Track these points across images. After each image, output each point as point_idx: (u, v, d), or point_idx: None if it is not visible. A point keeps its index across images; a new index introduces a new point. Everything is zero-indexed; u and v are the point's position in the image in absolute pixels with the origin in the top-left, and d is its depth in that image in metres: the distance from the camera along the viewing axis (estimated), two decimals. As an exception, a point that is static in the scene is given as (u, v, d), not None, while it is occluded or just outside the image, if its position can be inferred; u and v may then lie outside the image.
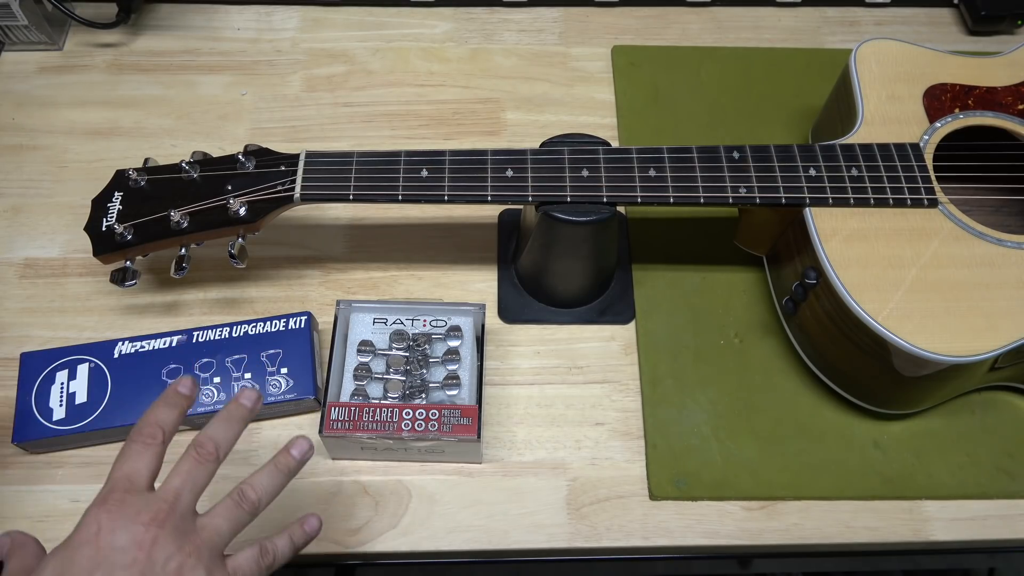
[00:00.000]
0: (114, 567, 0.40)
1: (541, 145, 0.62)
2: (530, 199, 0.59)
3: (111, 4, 0.81)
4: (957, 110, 0.65)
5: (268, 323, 0.63)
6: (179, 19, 0.85)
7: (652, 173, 0.60)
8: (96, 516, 0.42)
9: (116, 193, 0.60)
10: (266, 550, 0.46)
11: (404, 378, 0.61)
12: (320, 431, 0.57)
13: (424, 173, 0.60)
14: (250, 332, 0.62)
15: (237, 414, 0.48)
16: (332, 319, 0.62)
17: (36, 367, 0.60)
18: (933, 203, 0.60)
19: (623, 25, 0.86)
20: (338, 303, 0.62)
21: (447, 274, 0.70)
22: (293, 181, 0.59)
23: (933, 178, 0.60)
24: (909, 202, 0.59)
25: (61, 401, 0.59)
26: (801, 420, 0.63)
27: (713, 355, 0.66)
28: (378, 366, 0.62)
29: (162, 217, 0.59)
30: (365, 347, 0.62)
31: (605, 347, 0.67)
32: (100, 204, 0.60)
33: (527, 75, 0.82)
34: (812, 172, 0.60)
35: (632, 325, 0.67)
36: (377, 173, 0.60)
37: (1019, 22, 0.85)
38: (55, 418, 0.59)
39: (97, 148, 0.76)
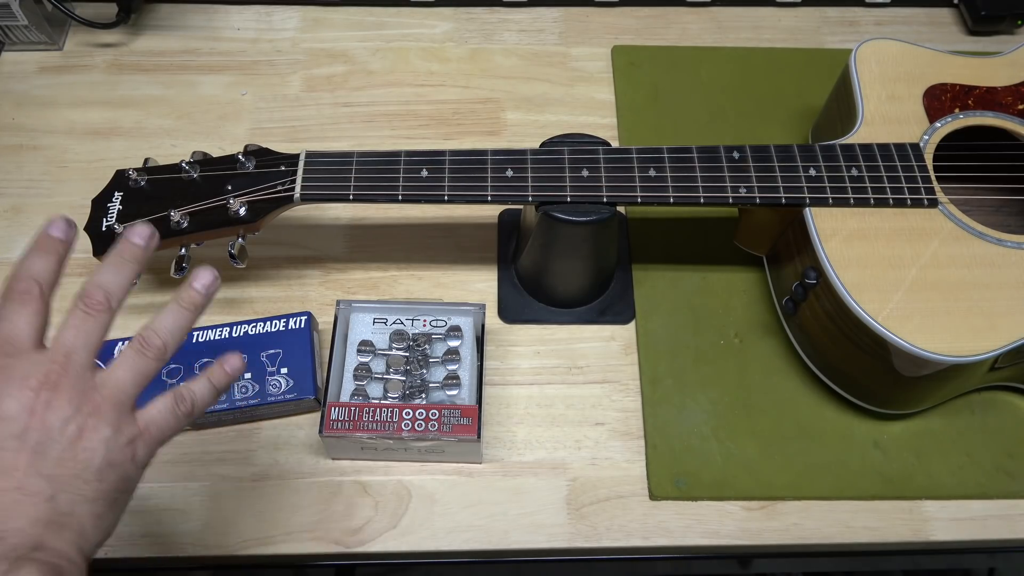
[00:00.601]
0: (4, 437, 0.37)
1: (541, 145, 0.62)
2: (530, 199, 0.59)
3: (111, 4, 0.81)
4: (957, 110, 0.65)
5: (268, 323, 0.63)
6: (179, 19, 0.85)
7: (652, 173, 0.60)
8: None
9: (116, 193, 0.61)
10: (182, 397, 0.42)
11: (404, 378, 0.61)
12: (320, 431, 0.57)
13: (424, 173, 0.60)
14: (250, 332, 0.62)
15: (128, 254, 0.43)
16: (332, 319, 0.62)
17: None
18: (933, 203, 0.60)
19: (623, 25, 0.86)
20: (338, 303, 0.62)
21: (447, 274, 0.70)
22: (293, 181, 0.59)
23: (933, 178, 0.60)
24: (909, 202, 0.59)
25: (61, 401, 0.59)
26: (801, 420, 0.63)
27: (713, 355, 0.66)
28: (378, 366, 0.62)
29: (162, 217, 0.59)
30: (365, 347, 0.62)
31: (605, 347, 0.67)
32: (100, 204, 0.60)
33: (527, 75, 0.82)
34: (812, 172, 0.60)
35: (632, 325, 0.67)
36: (377, 173, 0.60)
37: (1019, 22, 0.85)
38: (55, 418, 0.59)
39: (97, 148, 0.76)
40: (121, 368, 0.41)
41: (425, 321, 0.63)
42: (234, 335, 0.62)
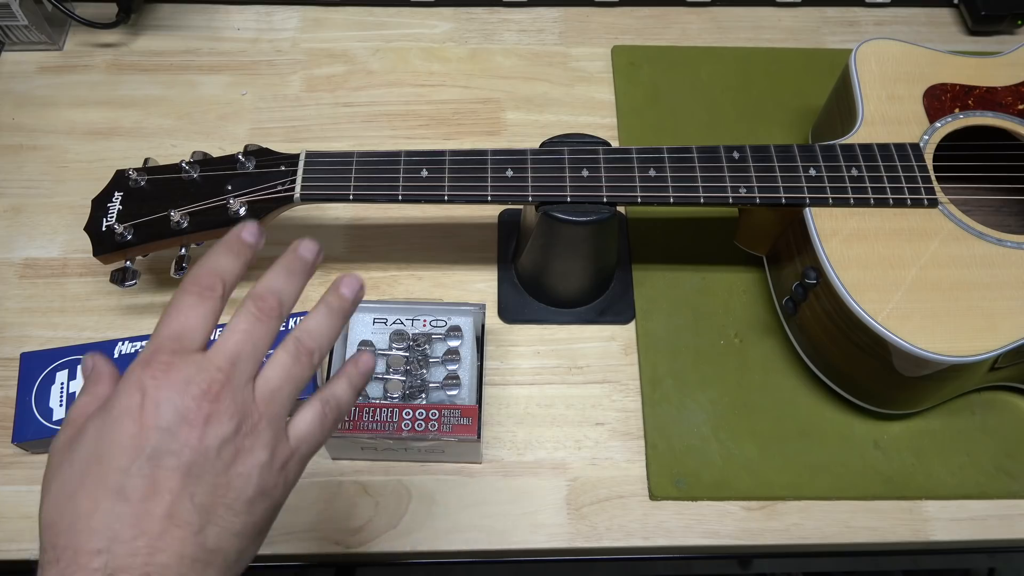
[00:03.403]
0: (158, 452, 0.33)
1: (541, 145, 0.62)
2: (530, 199, 0.59)
3: (111, 4, 0.81)
4: (957, 110, 0.65)
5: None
6: (179, 19, 0.85)
7: (652, 173, 0.60)
8: (139, 380, 0.34)
9: (116, 193, 0.60)
10: (327, 403, 0.38)
11: (404, 378, 0.61)
12: (320, 431, 0.57)
13: (424, 173, 0.60)
14: (250, 332, 0.62)
15: (298, 266, 0.39)
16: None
17: (36, 367, 0.60)
18: (933, 203, 0.60)
19: (623, 25, 0.86)
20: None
21: (447, 274, 0.70)
22: (293, 181, 0.59)
23: (933, 178, 0.60)
24: (909, 202, 0.59)
25: (61, 401, 0.59)
26: (801, 420, 0.63)
27: (713, 355, 0.66)
28: (378, 366, 0.61)
29: (162, 217, 0.59)
30: (365, 347, 0.62)
31: (605, 347, 0.67)
32: (100, 204, 0.60)
33: (527, 75, 0.82)
34: (812, 172, 0.60)
35: (632, 325, 0.67)
36: (377, 173, 0.60)
37: (1019, 22, 0.85)
38: (55, 418, 0.59)
39: (97, 148, 0.76)
40: (277, 379, 0.36)
41: (425, 321, 0.63)
42: (234, 335, 0.62)
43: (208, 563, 0.33)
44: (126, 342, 0.62)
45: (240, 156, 0.61)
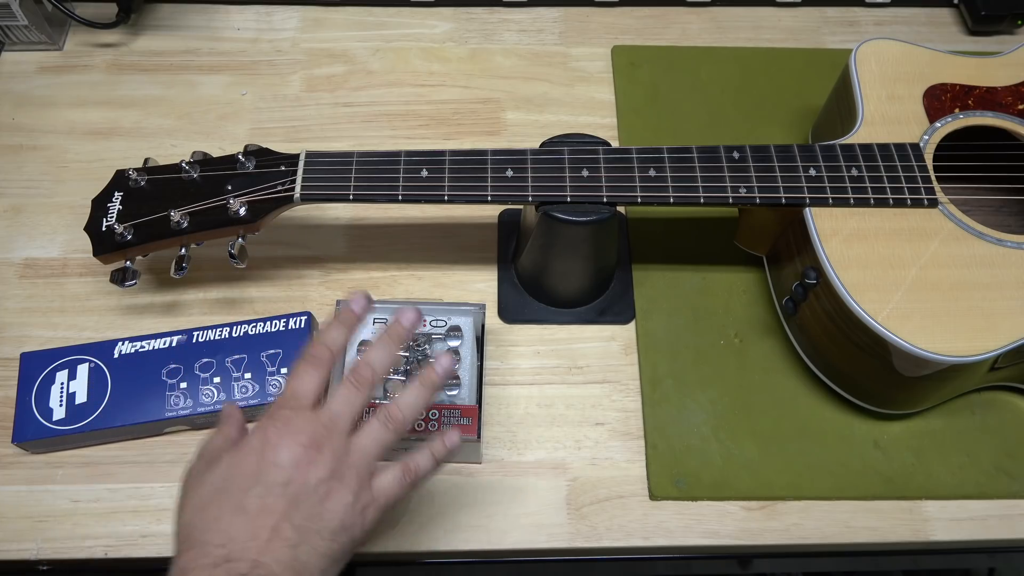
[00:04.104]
0: (272, 483, 0.43)
1: (541, 145, 0.62)
2: (530, 199, 0.59)
3: (111, 4, 0.81)
4: (957, 110, 0.65)
5: (268, 323, 0.63)
6: (179, 19, 0.85)
7: (652, 173, 0.60)
8: (265, 429, 0.45)
9: (116, 193, 0.60)
10: (408, 469, 0.47)
11: (404, 378, 0.61)
12: (320, 431, 0.57)
13: (424, 173, 0.60)
14: (250, 332, 0.62)
15: (395, 335, 0.50)
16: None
17: (36, 367, 0.60)
18: (933, 203, 0.60)
19: (623, 25, 0.86)
20: (338, 303, 0.62)
21: (447, 274, 0.70)
22: (293, 181, 0.59)
23: (933, 178, 0.60)
24: (909, 202, 0.59)
25: (61, 401, 0.59)
26: (801, 420, 0.63)
27: (713, 355, 0.66)
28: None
29: (162, 217, 0.59)
30: (365, 347, 0.62)
31: (605, 347, 0.67)
32: (100, 204, 0.60)
33: (527, 75, 0.82)
34: (812, 172, 0.60)
35: (632, 325, 0.67)
36: (377, 173, 0.60)
37: (1019, 22, 0.85)
38: (55, 418, 0.59)
39: (97, 148, 0.76)
40: (367, 438, 0.46)
41: (425, 321, 0.63)
42: (234, 335, 0.62)
43: (298, 573, 0.42)
44: (126, 342, 0.62)
45: (240, 156, 0.61)
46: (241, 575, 0.40)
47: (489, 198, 0.59)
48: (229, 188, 0.60)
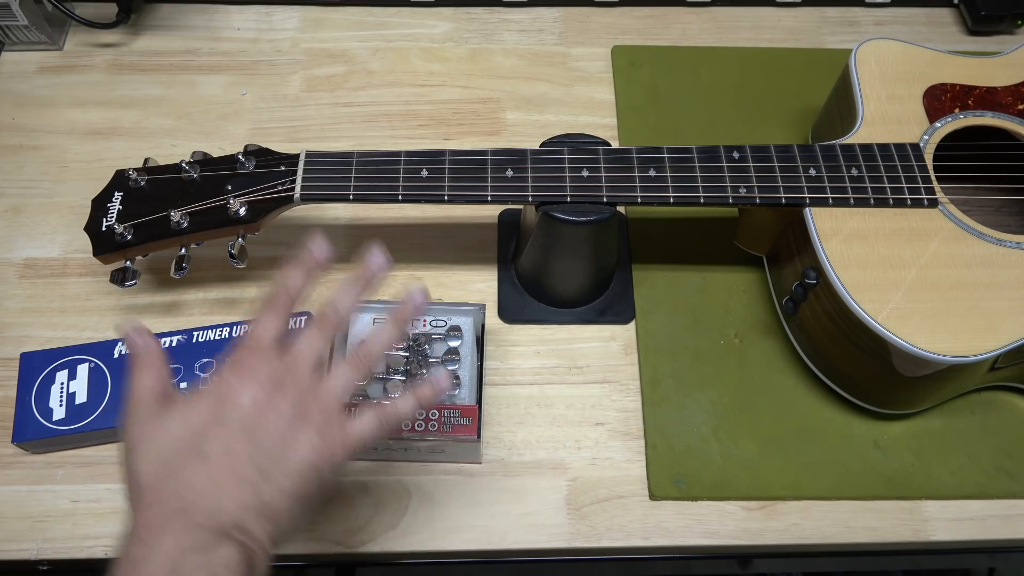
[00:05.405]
0: (232, 425, 0.42)
1: (541, 145, 0.62)
2: (530, 199, 0.59)
3: (111, 4, 0.81)
4: (957, 110, 0.65)
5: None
6: (179, 19, 0.85)
7: (652, 173, 0.60)
8: (223, 374, 0.44)
9: (116, 193, 0.60)
10: (385, 411, 0.46)
11: (404, 378, 0.61)
12: (320, 431, 0.57)
13: (424, 173, 0.60)
14: (250, 332, 0.62)
15: (361, 279, 0.49)
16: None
17: (36, 367, 0.60)
18: (933, 203, 0.60)
19: (623, 25, 0.86)
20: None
21: (447, 274, 0.70)
22: (293, 181, 0.59)
23: (933, 178, 0.60)
24: (909, 202, 0.59)
25: (61, 401, 0.59)
26: (801, 420, 0.63)
27: (713, 355, 0.66)
28: (378, 366, 0.61)
29: (162, 217, 0.59)
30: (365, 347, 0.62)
31: (605, 347, 0.67)
32: (100, 204, 0.60)
33: (527, 75, 0.82)
34: (812, 172, 0.60)
35: (632, 325, 0.67)
36: (377, 173, 0.60)
37: (1019, 22, 0.85)
38: (55, 418, 0.59)
39: (97, 148, 0.76)
40: (334, 379, 0.46)
41: (425, 321, 0.63)
42: (234, 335, 0.62)
43: (262, 513, 0.41)
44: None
45: (240, 156, 0.61)
46: (199, 524, 0.40)
47: (489, 198, 0.59)
48: (229, 188, 0.60)
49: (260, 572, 0.41)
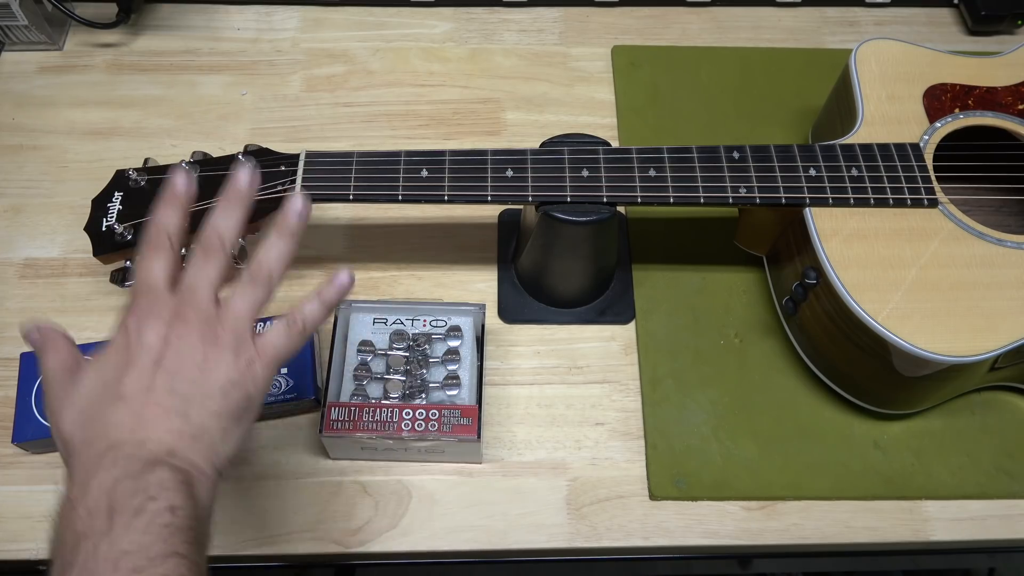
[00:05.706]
0: (144, 364, 0.43)
1: (541, 145, 0.62)
2: (530, 199, 0.59)
3: (111, 4, 0.81)
4: (957, 110, 0.65)
5: (268, 323, 0.62)
6: (179, 19, 0.85)
7: (652, 173, 0.60)
8: (125, 320, 0.44)
9: (116, 193, 0.61)
10: (294, 319, 0.47)
11: (404, 378, 0.61)
12: (320, 431, 0.57)
13: (424, 173, 0.60)
14: (250, 332, 0.62)
15: (235, 197, 0.47)
16: (332, 319, 0.62)
17: (36, 367, 0.60)
18: (933, 203, 0.60)
19: (623, 25, 0.86)
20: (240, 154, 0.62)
21: (447, 274, 0.70)
22: (293, 181, 0.60)
23: (933, 178, 0.60)
24: (909, 202, 0.59)
25: (61, 401, 0.59)
26: (801, 420, 0.63)
27: (713, 355, 0.66)
28: (378, 366, 0.62)
29: (162, 217, 0.59)
30: (365, 347, 0.62)
31: (605, 347, 0.67)
32: (100, 204, 0.60)
33: (527, 75, 0.82)
34: (812, 172, 0.60)
35: (632, 325, 0.67)
36: (377, 173, 0.60)
37: (1019, 22, 0.85)
38: (55, 418, 0.59)
39: (97, 148, 0.76)
40: (237, 301, 0.45)
41: (425, 321, 0.63)
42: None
43: (194, 437, 0.42)
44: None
45: (240, 156, 0.61)
46: (129, 455, 0.40)
47: (489, 198, 0.59)
48: (229, 188, 0.60)
49: (204, 493, 0.42)
